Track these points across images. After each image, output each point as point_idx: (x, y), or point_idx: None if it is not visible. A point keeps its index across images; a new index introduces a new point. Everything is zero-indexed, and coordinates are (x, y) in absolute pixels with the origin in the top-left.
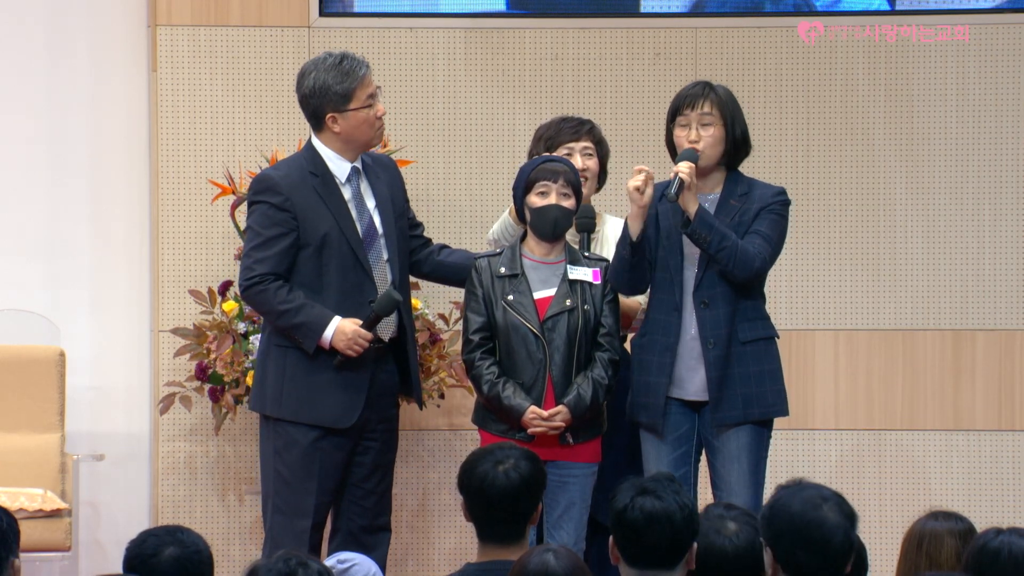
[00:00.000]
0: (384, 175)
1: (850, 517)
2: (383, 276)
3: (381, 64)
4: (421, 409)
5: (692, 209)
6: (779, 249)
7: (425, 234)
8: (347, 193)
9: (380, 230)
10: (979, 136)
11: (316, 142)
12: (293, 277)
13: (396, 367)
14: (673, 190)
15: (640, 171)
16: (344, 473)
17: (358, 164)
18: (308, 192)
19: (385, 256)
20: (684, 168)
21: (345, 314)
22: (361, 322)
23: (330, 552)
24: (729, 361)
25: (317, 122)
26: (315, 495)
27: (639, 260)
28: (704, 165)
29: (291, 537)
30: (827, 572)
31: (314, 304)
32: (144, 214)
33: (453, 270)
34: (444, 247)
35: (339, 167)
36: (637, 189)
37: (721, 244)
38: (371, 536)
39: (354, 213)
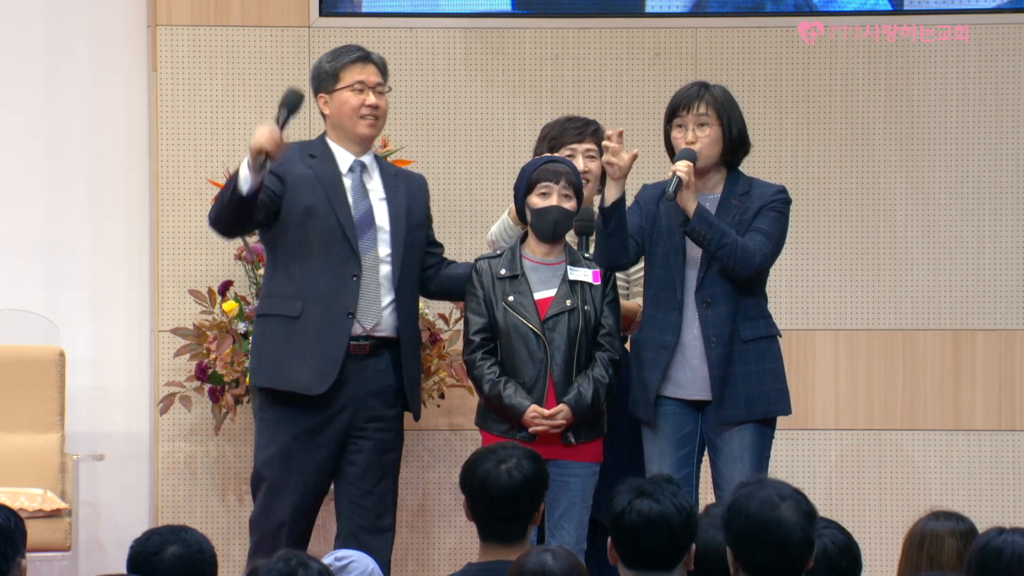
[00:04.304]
0: (406, 188)
1: (808, 515)
2: (374, 264)
3: None
4: (416, 419)
5: (691, 208)
6: (780, 246)
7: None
8: (347, 182)
9: (380, 225)
10: (979, 136)
11: (325, 135)
12: (277, 245)
13: (393, 371)
14: (671, 189)
15: (612, 143)
16: (330, 474)
17: (365, 160)
18: (302, 167)
19: (383, 251)
20: (682, 167)
21: (328, 287)
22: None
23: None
24: (731, 360)
25: (320, 107)
26: (292, 494)
27: (614, 229)
28: (703, 166)
29: (269, 536)
30: (787, 571)
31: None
32: (144, 214)
33: (456, 282)
34: (450, 263)
35: (343, 157)
36: (609, 163)
37: (721, 242)
38: (373, 536)
39: (350, 198)
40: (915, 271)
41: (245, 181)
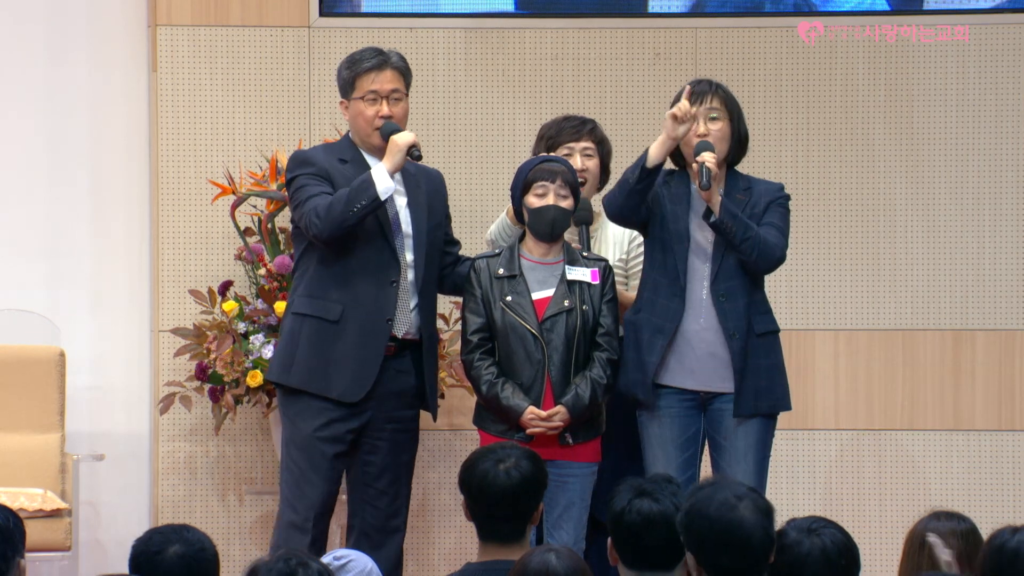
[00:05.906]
0: (427, 185)
1: (766, 512)
2: (404, 270)
3: None
4: (435, 420)
5: (716, 200)
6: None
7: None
8: None
9: (405, 230)
10: (979, 136)
11: (350, 137)
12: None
13: (414, 372)
14: (704, 180)
15: (684, 108)
16: (351, 468)
17: None
18: (337, 171)
19: (409, 257)
20: (710, 157)
21: (369, 291)
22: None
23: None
24: (747, 353)
25: (342, 111)
26: (318, 485)
27: (643, 188)
28: None
29: (297, 527)
30: (750, 571)
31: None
32: (144, 214)
33: (464, 279)
34: (465, 260)
35: (371, 161)
36: (674, 117)
37: (746, 234)
38: (384, 535)
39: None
40: (915, 271)
41: (387, 189)
